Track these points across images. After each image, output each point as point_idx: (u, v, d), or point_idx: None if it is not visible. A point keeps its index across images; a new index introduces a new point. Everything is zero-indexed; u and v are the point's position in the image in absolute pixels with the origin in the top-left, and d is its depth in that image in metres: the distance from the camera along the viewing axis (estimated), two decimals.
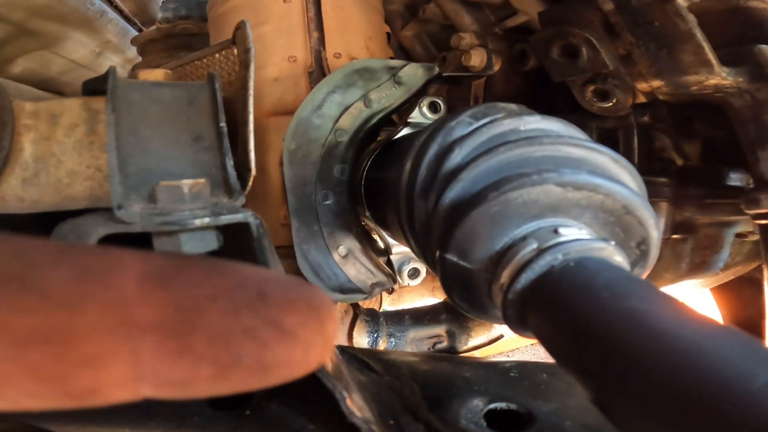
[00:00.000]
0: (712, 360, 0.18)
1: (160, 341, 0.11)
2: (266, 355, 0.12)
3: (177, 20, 1.01)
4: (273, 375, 0.12)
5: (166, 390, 0.11)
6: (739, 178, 0.51)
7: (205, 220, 0.30)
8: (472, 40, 0.67)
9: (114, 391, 0.11)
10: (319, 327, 0.13)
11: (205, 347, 0.11)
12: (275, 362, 0.12)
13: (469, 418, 0.32)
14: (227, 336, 0.12)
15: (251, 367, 0.12)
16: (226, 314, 0.12)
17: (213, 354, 0.12)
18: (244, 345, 0.12)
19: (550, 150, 0.31)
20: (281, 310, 0.13)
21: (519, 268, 0.27)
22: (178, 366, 0.11)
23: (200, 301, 0.12)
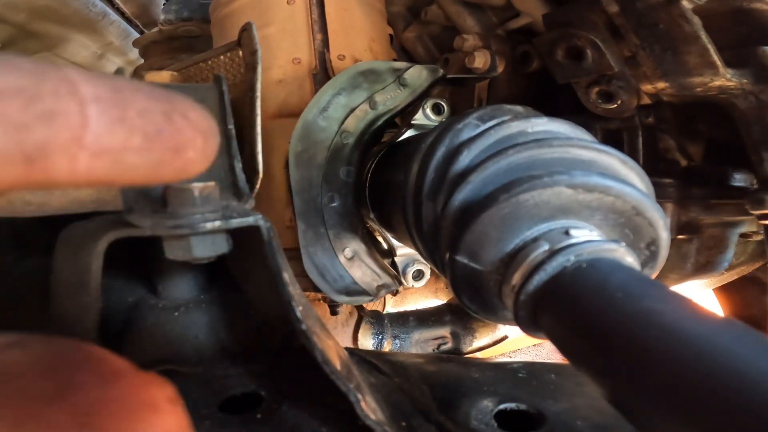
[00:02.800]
0: (728, 358, 0.18)
1: (103, 109, 0.14)
2: (178, 134, 0.15)
3: (179, 22, 1.01)
4: (182, 157, 0.15)
5: (100, 159, 0.14)
6: (743, 179, 0.51)
7: (216, 223, 0.30)
8: (475, 42, 0.68)
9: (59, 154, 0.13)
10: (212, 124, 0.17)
11: (136, 118, 0.14)
12: (184, 143, 0.15)
13: (479, 419, 0.32)
14: (151, 113, 0.15)
15: (169, 142, 0.15)
16: (150, 99, 0.15)
17: (142, 124, 0.14)
18: (163, 123, 0.15)
19: (560, 152, 0.31)
20: (186, 107, 0.16)
21: (531, 270, 0.27)
22: (116, 132, 0.14)
23: (129, 89, 0.15)
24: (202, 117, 0.16)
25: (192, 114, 0.16)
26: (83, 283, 0.34)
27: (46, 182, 0.13)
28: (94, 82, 0.14)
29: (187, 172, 0.16)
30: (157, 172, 0.15)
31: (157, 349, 0.39)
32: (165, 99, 0.15)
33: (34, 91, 0.13)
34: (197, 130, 0.16)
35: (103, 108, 0.14)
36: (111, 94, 0.14)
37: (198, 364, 0.37)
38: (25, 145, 0.13)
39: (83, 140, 0.13)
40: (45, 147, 0.13)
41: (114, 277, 0.41)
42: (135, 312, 0.41)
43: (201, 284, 0.42)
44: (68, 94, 0.13)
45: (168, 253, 0.31)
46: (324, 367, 0.27)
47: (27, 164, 0.13)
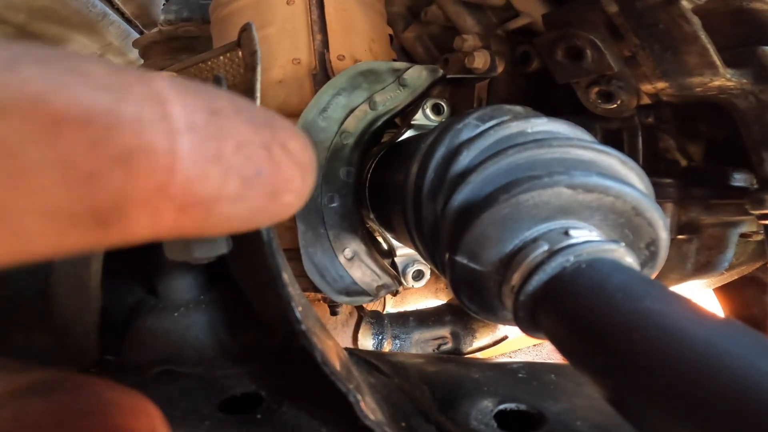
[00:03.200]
0: (728, 358, 0.18)
1: (197, 143, 0.10)
2: (278, 174, 0.12)
3: (179, 22, 1.01)
4: (281, 199, 0.12)
5: (188, 213, 0.10)
6: (743, 179, 0.51)
7: None
8: (474, 42, 0.68)
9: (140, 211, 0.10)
10: (312, 155, 0.13)
11: (233, 155, 0.11)
12: (283, 184, 0.12)
13: (479, 419, 0.32)
14: (251, 147, 0.11)
15: (267, 185, 0.12)
16: (249, 126, 0.11)
17: (240, 163, 0.11)
18: (263, 159, 0.11)
19: (559, 152, 0.31)
20: (287, 135, 0.12)
21: (530, 270, 0.27)
22: (210, 175, 0.10)
23: (229, 110, 0.11)
24: (302, 147, 0.13)
25: (293, 144, 0.12)
26: (83, 284, 0.34)
27: (117, 244, 0.10)
28: (187, 101, 0.10)
29: (281, 216, 0.13)
30: (248, 223, 0.12)
31: (157, 350, 0.39)
32: (266, 123, 0.12)
33: (109, 119, 0.09)
34: (297, 165, 0.12)
35: (198, 140, 0.10)
36: (207, 118, 0.10)
37: (198, 364, 0.37)
38: (96, 202, 0.09)
39: (169, 189, 0.10)
40: (121, 202, 0.09)
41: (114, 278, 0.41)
42: (135, 312, 0.41)
43: (201, 285, 0.42)
44: (156, 120, 0.10)
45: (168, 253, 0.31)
46: (323, 368, 0.27)
47: (97, 226, 0.09)
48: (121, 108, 0.09)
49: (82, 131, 0.09)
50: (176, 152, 0.10)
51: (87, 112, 0.09)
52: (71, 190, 0.09)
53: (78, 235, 0.09)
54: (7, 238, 0.09)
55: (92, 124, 0.09)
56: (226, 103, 0.11)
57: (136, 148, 0.09)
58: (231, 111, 0.11)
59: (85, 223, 0.09)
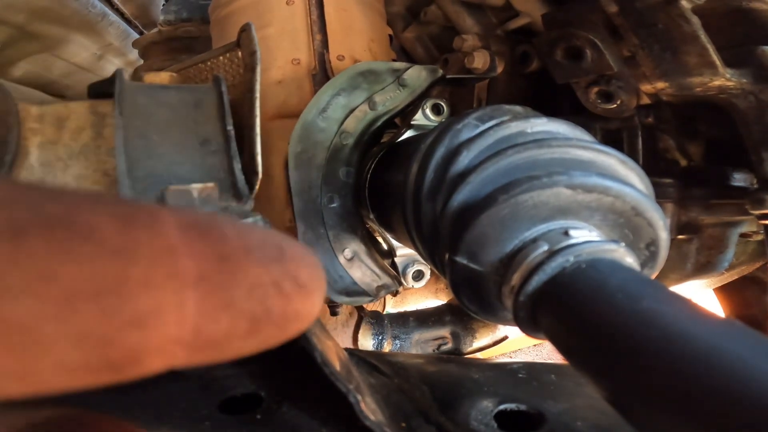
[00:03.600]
0: (728, 359, 0.18)
1: (206, 294, 0.10)
2: (288, 307, 0.12)
3: (178, 23, 1.01)
4: (291, 327, 0.12)
5: (200, 353, 0.11)
6: (743, 179, 0.51)
7: None
8: (474, 42, 0.68)
9: (154, 358, 0.10)
10: (321, 279, 0.14)
11: (244, 301, 0.11)
12: (294, 314, 0.12)
13: (479, 420, 0.32)
14: (262, 289, 0.12)
15: (277, 320, 0.12)
16: (260, 267, 0.12)
17: (251, 307, 0.11)
18: (273, 298, 0.12)
19: (559, 152, 0.31)
20: (297, 265, 0.13)
21: (530, 271, 0.27)
22: (220, 321, 0.11)
23: (239, 253, 0.11)
24: (312, 276, 0.13)
25: (303, 274, 0.13)
26: None
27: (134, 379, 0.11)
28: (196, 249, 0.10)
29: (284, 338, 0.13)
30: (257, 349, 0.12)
31: None
32: (276, 258, 0.12)
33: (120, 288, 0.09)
34: (308, 296, 0.13)
35: (207, 292, 0.10)
36: (217, 267, 0.11)
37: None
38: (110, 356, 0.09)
39: (180, 337, 0.10)
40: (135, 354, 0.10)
41: None
42: None
43: None
44: (165, 278, 0.10)
45: None
46: (323, 369, 0.27)
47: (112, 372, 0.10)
48: (131, 273, 0.09)
49: (94, 303, 0.09)
50: (185, 306, 0.10)
51: (98, 284, 0.09)
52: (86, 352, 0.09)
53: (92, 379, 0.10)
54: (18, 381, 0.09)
55: (104, 295, 0.09)
56: (236, 244, 0.11)
57: (148, 310, 0.10)
58: (241, 253, 0.11)
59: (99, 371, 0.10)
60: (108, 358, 0.09)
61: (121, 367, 0.10)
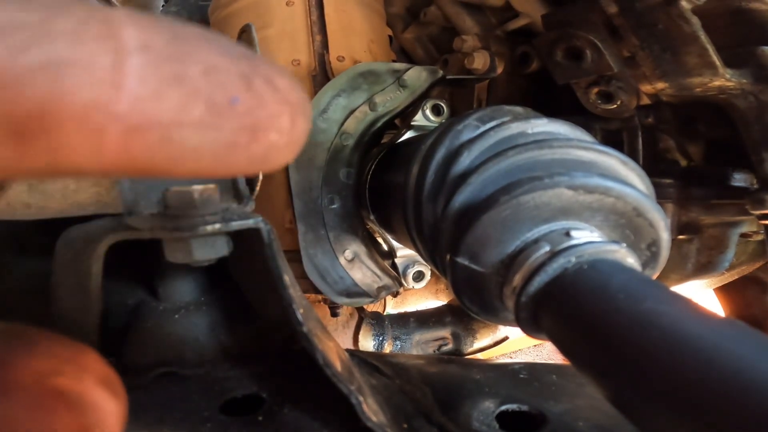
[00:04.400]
0: (730, 358, 0.18)
1: (150, 62, 0.09)
2: (259, 109, 0.10)
3: None
4: (261, 141, 0.11)
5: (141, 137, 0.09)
6: (743, 179, 0.51)
7: (217, 226, 0.30)
8: (474, 43, 0.68)
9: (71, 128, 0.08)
10: (303, 98, 0.12)
11: (200, 78, 0.10)
12: (266, 122, 0.11)
13: (481, 420, 0.32)
14: (223, 73, 0.10)
15: (244, 117, 0.10)
16: (223, 55, 0.10)
17: (208, 87, 0.10)
18: (240, 88, 0.10)
19: (560, 153, 0.31)
20: (272, 70, 0.11)
21: (532, 271, 0.27)
22: (168, 95, 0.09)
23: (196, 38, 0.10)
24: (291, 86, 0.11)
25: (280, 81, 0.11)
26: (84, 286, 0.34)
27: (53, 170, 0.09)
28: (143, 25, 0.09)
29: (266, 164, 0.11)
30: (226, 160, 0.10)
31: (158, 352, 0.39)
32: (245, 56, 0.11)
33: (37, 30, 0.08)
34: (285, 103, 0.11)
35: (151, 60, 0.09)
36: (168, 41, 0.09)
37: (199, 366, 0.37)
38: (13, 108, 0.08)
39: (115, 106, 0.09)
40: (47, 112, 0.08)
41: (114, 280, 0.41)
42: (135, 314, 0.41)
43: (201, 286, 0.42)
44: (99, 36, 0.09)
45: (168, 255, 0.31)
46: (325, 370, 0.27)
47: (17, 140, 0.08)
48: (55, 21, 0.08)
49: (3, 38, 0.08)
50: (122, 68, 0.09)
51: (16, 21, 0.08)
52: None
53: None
54: None
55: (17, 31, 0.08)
56: (196, 31, 0.10)
57: (66, 58, 0.08)
58: (200, 38, 0.10)
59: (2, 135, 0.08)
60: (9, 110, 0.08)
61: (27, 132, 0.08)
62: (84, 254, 0.32)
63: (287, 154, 0.12)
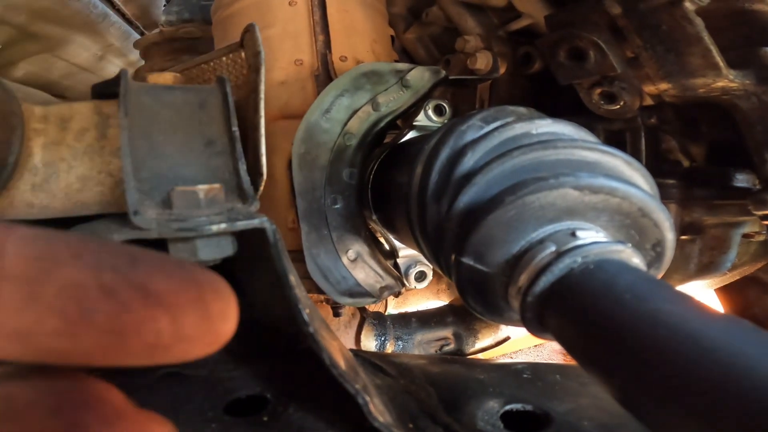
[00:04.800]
0: (737, 357, 0.18)
1: (13, 290, 0.12)
2: (123, 315, 0.12)
3: (180, 23, 1.01)
4: (136, 340, 0.12)
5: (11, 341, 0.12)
6: (745, 179, 0.51)
7: (222, 226, 0.30)
8: (476, 43, 0.68)
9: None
10: (196, 297, 0.13)
11: (53, 298, 0.12)
12: (135, 325, 0.12)
13: (486, 420, 0.32)
14: (79, 290, 0.12)
15: (103, 325, 0.12)
16: (83, 270, 0.12)
17: (62, 305, 0.12)
18: (97, 301, 0.12)
19: (565, 154, 0.32)
20: (149, 275, 0.12)
21: (538, 271, 0.27)
22: (23, 315, 0.12)
23: (63, 257, 0.12)
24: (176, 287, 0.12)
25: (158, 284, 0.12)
26: None
27: None
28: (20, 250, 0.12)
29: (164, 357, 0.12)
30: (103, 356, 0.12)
31: None
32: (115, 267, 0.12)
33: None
34: (159, 305, 0.12)
35: (14, 288, 0.12)
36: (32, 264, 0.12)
37: (203, 366, 0.37)
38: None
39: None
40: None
41: None
42: None
43: None
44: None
45: (173, 255, 0.31)
46: (332, 370, 0.27)
47: None
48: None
49: None
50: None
51: None
52: None
53: None
54: None
55: None
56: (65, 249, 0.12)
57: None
58: (67, 256, 0.12)
59: None
60: None
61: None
62: None
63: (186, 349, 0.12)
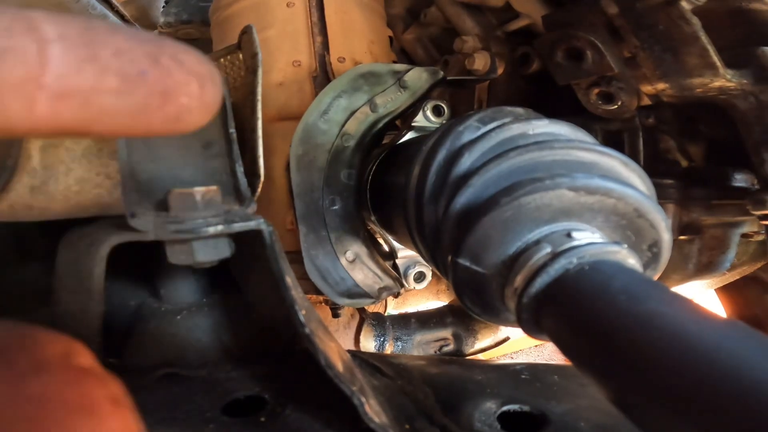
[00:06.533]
0: (731, 358, 0.18)
1: (67, 47, 0.12)
2: (167, 78, 0.13)
3: (179, 25, 1.01)
4: (172, 103, 0.13)
5: (66, 102, 0.12)
6: (744, 179, 0.51)
7: (219, 227, 0.30)
8: (474, 44, 0.68)
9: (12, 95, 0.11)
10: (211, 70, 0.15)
11: (111, 58, 0.12)
12: (175, 87, 0.13)
13: (483, 421, 0.32)
14: (132, 53, 0.13)
15: (154, 85, 0.13)
16: (130, 40, 0.13)
17: (119, 65, 0.12)
18: (148, 64, 0.13)
19: (561, 154, 0.32)
20: (178, 49, 0.14)
21: (534, 272, 0.27)
22: (84, 71, 0.12)
23: (105, 29, 0.13)
24: (197, 60, 0.14)
25: (185, 57, 0.14)
26: (86, 288, 0.34)
27: None
28: (59, 21, 0.12)
29: (181, 122, 0.14)
30: (143, 119, 0.13)
31: (160, 353, 0.39)
32: (150, 41, 0.13)
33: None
34: (192, 73, 0.14)
35: (68, 46, 0.12)
36: (80, 32, 0.12)
37: (201, 367, 0.38)
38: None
39: (42, 80, 0.12)
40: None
41: (116, 281, 0.41)
42: (138, 316, 0.41)
43: (203, 288, 0.43)
44: (24, 31, 0.11)
45: (170, 257, 0.31)
46: (328, 371, 0.27)
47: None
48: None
49: None
50: (46, 53, 0.11)
51: None
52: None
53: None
54: None
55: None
56: (105, 25, 0.13)
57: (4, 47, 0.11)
58: (108, 29, 0.13)
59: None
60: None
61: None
62: (86, 256, 0.32)
63: (199, 116, 0.14)
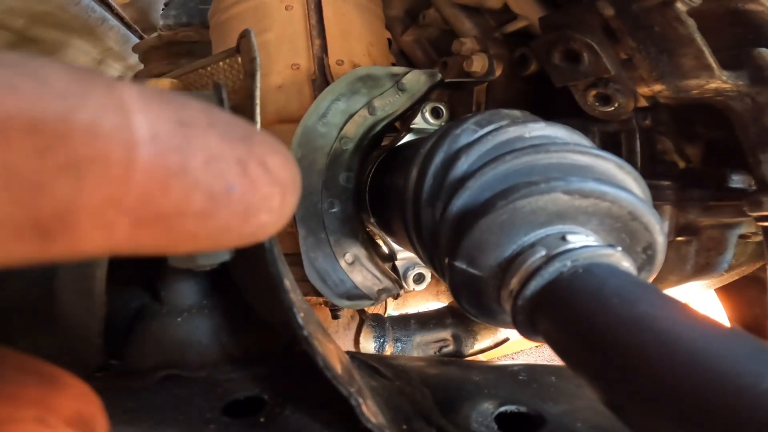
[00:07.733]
0: (721, 362, 0.18)
1: (157, 153, 0.09)
2: (253, 192, 0.11)
3: (178, 27, 1.01)
4: (253, 220, 0.11)
5: (145, 228, 0.10)
6: (741, 180, 0.52)
7: None
8: (473, 46, 0.68)
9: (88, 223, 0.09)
10: (295, 174, 0.13)
11: (201, 169, 0.10)
12: (259, 204, 0.11)
13: (480, 422, 0.32)
14: (223, 162, 0.11)
15: (238, 204, 0.11)
16: (223, 140, 0.11)
17: (208, 179, 0.10)
18: (236, 176, 0.11)
19: (556, 158, 0.32)
20: (266, 150, 0.12)
21: (528, 275, 0.27)
22: (172, 189, 0.10)
23: (201, 123, 0.11)
24: (284, 164, 0.12)
25: (272, 159, 0.12)
26: (87, 290, 0.34)
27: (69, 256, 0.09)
28: (153, 109, 0.10)
29: (255, 238, 0.12)
30: (216, 242, 0.11)
31: (161, 355, 0.39)
32: (242, 137, 0.11)
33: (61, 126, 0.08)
34: (276, 184, 0.12)
35: (159, 151, 0.09)
36: (174, 129, 0.10)
37: (201, 368, 0.38)
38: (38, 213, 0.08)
39: (125, 201, 0.09)
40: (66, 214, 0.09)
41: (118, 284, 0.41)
42: (138, 317, 0.41)
43: (203, 290, 0.43)
44: (114, 128, 0.09)
45: (171, 260, 0.32)
46: (325, 372, 0.27)
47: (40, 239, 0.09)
48: (75, 115, 0.09)
49: (29, 138, 0.08)
50: (133, 163, 0.09)
51: (36, 118, 0.08)
52: (14, 200, 0.08)
53: (20, 247, 0.09)
54: None
55: (41, 130, 0.08)
56: (199, 115, 0.11)
57: (87, 157, 0.09)
58: (203, 123, 0.11)
59: (27, 234, 0.08)
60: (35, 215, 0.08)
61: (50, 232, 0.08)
62: (88, 259, 0.32)
63: (275, 229, 0.12)
